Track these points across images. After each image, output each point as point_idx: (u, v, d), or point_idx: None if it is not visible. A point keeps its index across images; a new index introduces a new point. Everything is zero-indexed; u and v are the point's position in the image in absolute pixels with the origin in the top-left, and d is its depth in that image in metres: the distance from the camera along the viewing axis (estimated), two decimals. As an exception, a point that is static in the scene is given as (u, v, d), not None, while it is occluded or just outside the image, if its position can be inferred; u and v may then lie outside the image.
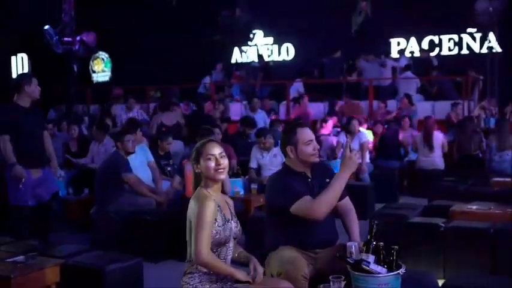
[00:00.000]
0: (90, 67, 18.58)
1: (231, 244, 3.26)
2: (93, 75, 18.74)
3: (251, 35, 17.34)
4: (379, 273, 3.01)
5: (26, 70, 17.88)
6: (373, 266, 3.03)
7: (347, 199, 3.77)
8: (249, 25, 16.69)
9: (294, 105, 12.81)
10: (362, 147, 8.74)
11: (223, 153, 3.27)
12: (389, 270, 3.03)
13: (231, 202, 3.42)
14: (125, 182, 6.35)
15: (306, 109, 12.28)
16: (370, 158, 9.33)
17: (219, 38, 17.44)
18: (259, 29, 17.24)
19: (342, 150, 8.54)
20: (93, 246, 6.12)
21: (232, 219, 3.27)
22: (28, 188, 5.61)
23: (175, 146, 7.96)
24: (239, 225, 3.32)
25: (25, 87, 5.63)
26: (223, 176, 3.25)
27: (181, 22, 16.43)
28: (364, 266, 3.02)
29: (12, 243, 4.82)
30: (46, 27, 14.36)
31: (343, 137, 8.92)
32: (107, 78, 18.50)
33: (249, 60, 17.11)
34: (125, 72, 16.64)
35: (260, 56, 16.67)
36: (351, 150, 3.49)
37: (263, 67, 15.53)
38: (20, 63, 19.11)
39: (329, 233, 3.68)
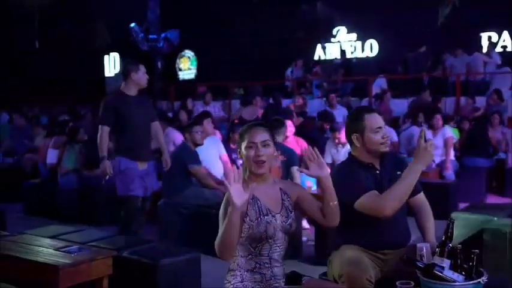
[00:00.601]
0: (176, 65, 18.90)
1: (278, 240, 2.87)
2: (179, 73, 19.04)
3: (334, 31, 17.01)
4: (455, 280, 2.60)
5: (117, 69, 18.33)
6: (448, 273, 2.62)
7: (421, 195, 3.35)
8: (330, 19, 16.36)
9: (375, 101, 12.38)
10: (446, 143, 8.32)
11: (268, 142, 2.88)
12: (468, 278, 2.61)
13: (294, 191, 2.98)
14: (192, 174, 6.17)
15: (389, 106, 11.83)
16: (455, 156, 8.76)
17: (302, 35, 17.24)
18: (342, 25, 16.86)
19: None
20: (160, 238, 6.02)
21: (279, 213, 2.88)
22: (137, 177, 5.30)
23: (247, 139, 7.74)
24: (291, 220, 2.89)
25: (131, 74, 5.34)
26: (263, 170, 2.87)
27: (264, 18, 16.34)
28: (436, 272, 2.61)
29: (73, 233, 4.71)
30: (132, 25, 14.69)
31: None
32: (192, 76, 18.76)
33: (331, 57, 16.78)
34: (209, 69, 16.72)
35: (343, 52, 16.32)
36: (426, 140, 3.10)
37: (344, 63, 15.18)
38: (112, 62, 19.62)
39: (400, 233, 3.27)
